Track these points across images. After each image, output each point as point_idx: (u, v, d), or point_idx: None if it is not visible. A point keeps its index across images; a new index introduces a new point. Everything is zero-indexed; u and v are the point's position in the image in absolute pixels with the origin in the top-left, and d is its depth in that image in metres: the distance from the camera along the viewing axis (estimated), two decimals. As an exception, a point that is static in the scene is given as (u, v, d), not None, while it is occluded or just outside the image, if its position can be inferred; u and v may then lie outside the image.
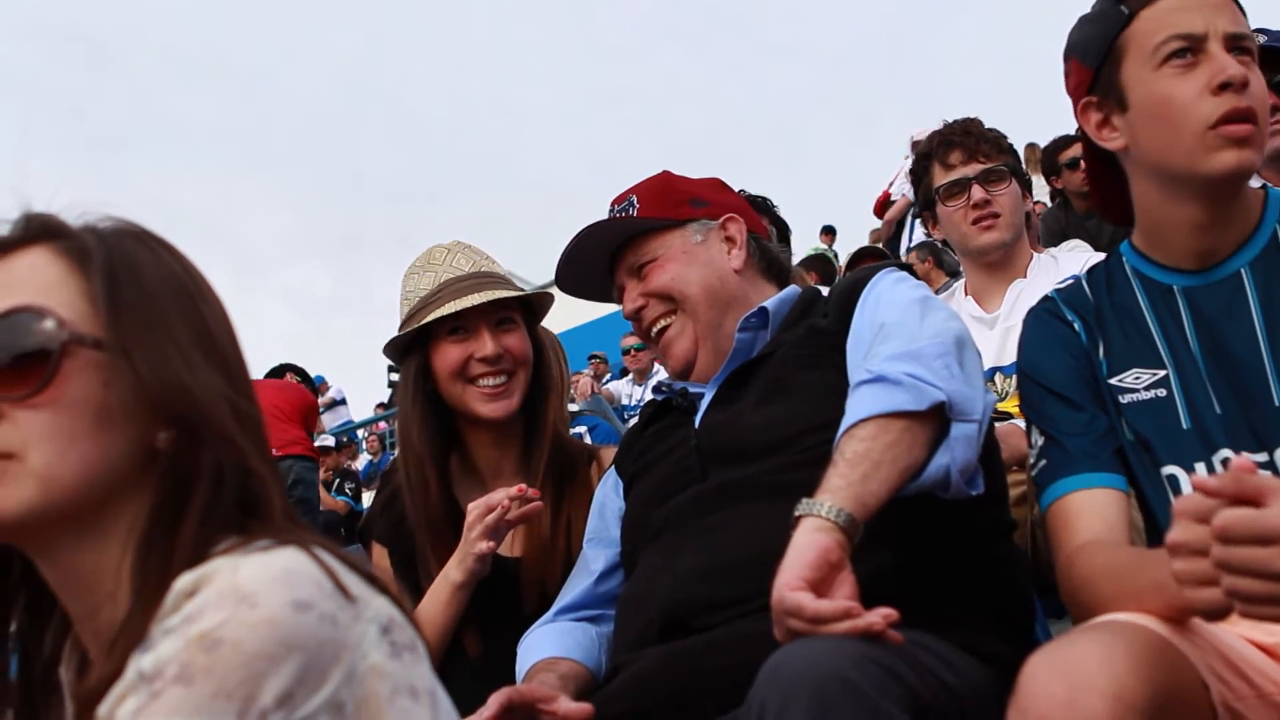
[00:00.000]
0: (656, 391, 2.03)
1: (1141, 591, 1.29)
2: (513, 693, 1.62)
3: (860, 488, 1.37)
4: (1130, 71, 1.56)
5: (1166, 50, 1.51)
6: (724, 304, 1.93)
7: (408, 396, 2.21)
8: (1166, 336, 1.57)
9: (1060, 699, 1.07)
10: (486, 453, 2.25)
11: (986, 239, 2.74)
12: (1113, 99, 1.58)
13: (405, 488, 2.19)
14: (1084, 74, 1.62)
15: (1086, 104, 1.62)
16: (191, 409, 0.99)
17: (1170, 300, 1.59)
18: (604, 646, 1.90)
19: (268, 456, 1.05)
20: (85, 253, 1.02)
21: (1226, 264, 1.57)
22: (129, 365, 0.98)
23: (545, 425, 2.24)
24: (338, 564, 0.93)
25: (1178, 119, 1.50)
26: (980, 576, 1.59)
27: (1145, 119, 1.54)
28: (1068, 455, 1.55)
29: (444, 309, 2.12)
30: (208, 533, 0.96)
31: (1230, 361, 1.51)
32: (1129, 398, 1.57)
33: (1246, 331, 1.52)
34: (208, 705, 0.81)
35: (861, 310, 1.74)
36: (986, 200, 2.71)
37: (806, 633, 1.23)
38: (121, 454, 0.99)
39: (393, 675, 0.91)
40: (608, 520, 2.01)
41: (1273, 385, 1.48)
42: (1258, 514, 1.03)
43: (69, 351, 0.98)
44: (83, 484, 0.97)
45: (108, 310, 1.00)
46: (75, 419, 0.97)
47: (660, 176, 2.07)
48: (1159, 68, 1.52)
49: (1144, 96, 1.54)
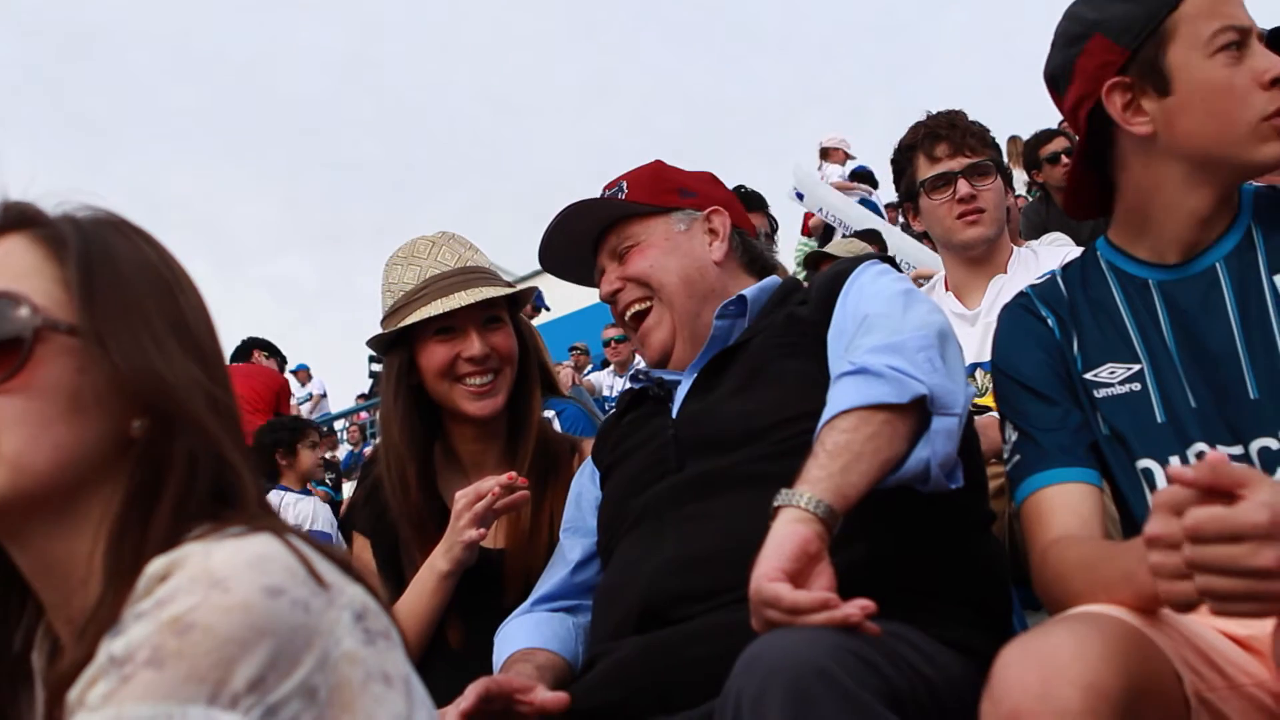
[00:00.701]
0: (634, 380, 2.03)
1: (1111, 582, 1.30)
2: (490, 683, 1.62)
3: (840, 479, 1.37)
4: (1179, 56, 1.53)
5: (1222, 40, 1.51)
6: (701, 294, 1.93)
7: (390, 392, 2.19)
8: (1141, 331, 1.58)
9: (1034, 689, 1.07)
10: (470, 446, 2.25)
11: (971, 234, 2.74)
12: (1151, 82, 1.55)
13: (387, 481, 2.18)
14: (1115, 53, 1.57)
15: (1114, 85, 1.57)
16: (165, 397, 0.99)
17: (1146, 295, 1.60)
18: (580, 637, 1.90)
19: (242, 446, 1.04)
20: (61, 240, 1.02)
21: (1202, 258, 1.58)
22: (103, 352, 0.98)
23: (531, 418, 2.23)
24: (311, 551, 0.93)
25: (1234, 108, 1.50)
26: (958, 568, 1.60)
27: (1195, 104, 1.52)
28: (1041, 451, 1.56)
29: (429, 309, 2.10)
30: (181, 520, 0.96)
31: (1205, 355, 1.52)
32: (1104, 392, 1.58)
33: (1222, 325, 1.52)
34: (179, 689, 0.81)
35: (844, 302, 1.75)
36: (972, 195, 2.71)
37: (784, 623, 1.23)
38: (95, 441, 0.99)
39: (366, 662, 0.91)
40: (584, 510, 2.01)
41: (1248, 378, 1.49)
42: (1228, 511, 1.03)
43: (42, 337, 0.97)
44: (55, 470, 0.97)
45: (82, 297, 1.00)
46: (48, 405, 0.97)
47: (652, 165, 2.08)
48: (1212, 55, 1.51)
49: (1197, 82, 1.52)
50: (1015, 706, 1.07)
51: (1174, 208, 1.58)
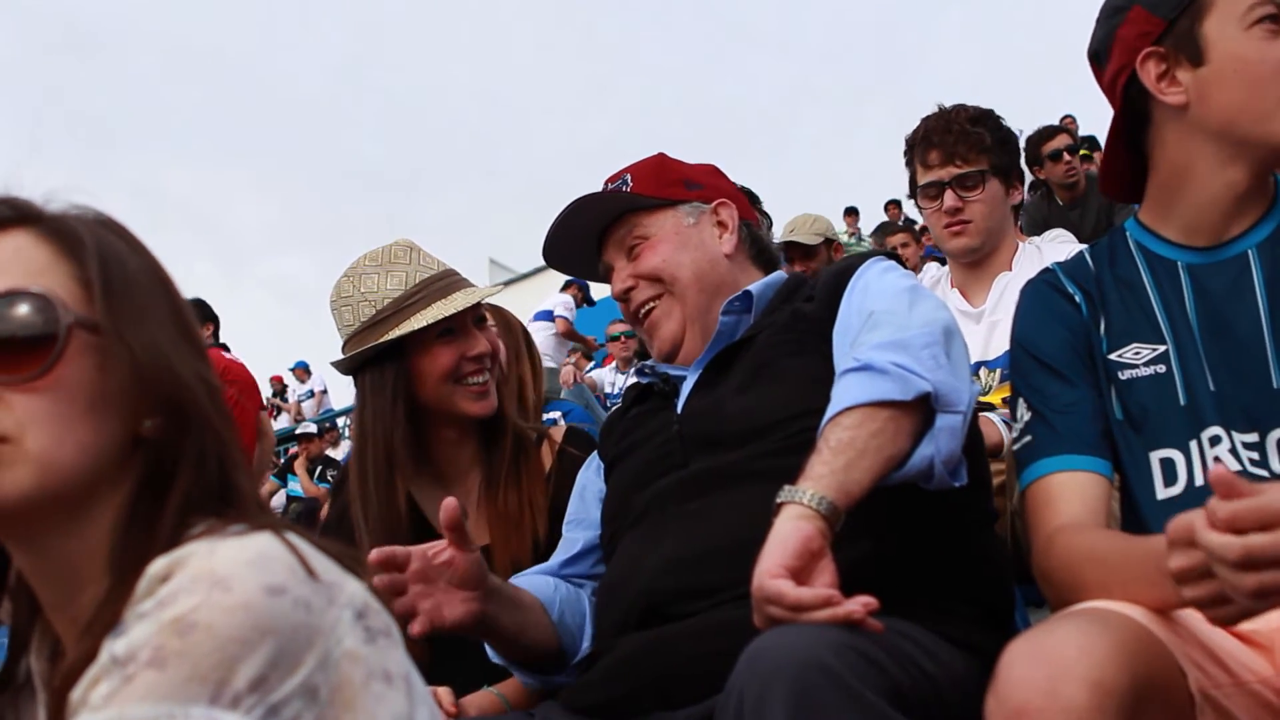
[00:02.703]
0: (639, 374, 2.03)
1: (1129, 583, 1.29)
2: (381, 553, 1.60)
3: (843, 476, 1.36)
4: (1215, 27, 1.53)
5: (1260, 13, 1.51)
6: (713, 288, 1.93)
7: (386, 403, 2.10)
8: (1168, 312, 1.57)
9: (1039, 686, 1.06)
10: (447, 448, 2.22)
11: (954, 245, 2.78)
12: (1185, 53, 1.55)
13: (364, 497, 2.10)
14: (1153, 24, 1.57)
15: (1149, 54, 1.57)
16: (179, 393, 1.00)
17: (1174, 276, 1.59)
18: (566, 595, 1.89)
19: (240, 442, 1.05)
20: (74, 237, 1.02)
21: (1235, 244, 1.57)
22: (123, 349, 0.98)
23: (505, 412, 2.22)
24: (311, 550, 0.92)
25: (1266, 81, 1.50)
26: (961, 566, 1.60)
27: (1227, 76, 1.52)
28: (1054, 434, 1.55)
29: (435, 311, 2.07)
30: (186, 518, 0.96)
31: (1231, 341, 1.51)
32: (1128, 373, 1.56)
33: (1250, 312, 1.51)
34: (181, 689, 0.80)
35: (849, 298, 1.74)
36: (958, 208, 2.73)
37: (786, 620, 1.23)
38: (111, 439, 0.99)
39: (367, 660, 0.90)
40: (589, 503, 2.00)
41: (1272, 367, 1.48)
42: (1258, 499, 1.02)
43: (71, 335, 0.97)
44: (78, 469, 0.97)
45: (103, 294, 1.00)
46: (72, 403, 0.97)
47: (656, 157, 2.06)
48: (1250, 28, 1.51)
49: (1231, 53, 1.52)
50: (1021, 704, 1.07)
51: (1206, 185, 1.57)
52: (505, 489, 2.15)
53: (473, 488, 2.21)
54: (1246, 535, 1.01)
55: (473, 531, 2.13)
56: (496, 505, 2.13)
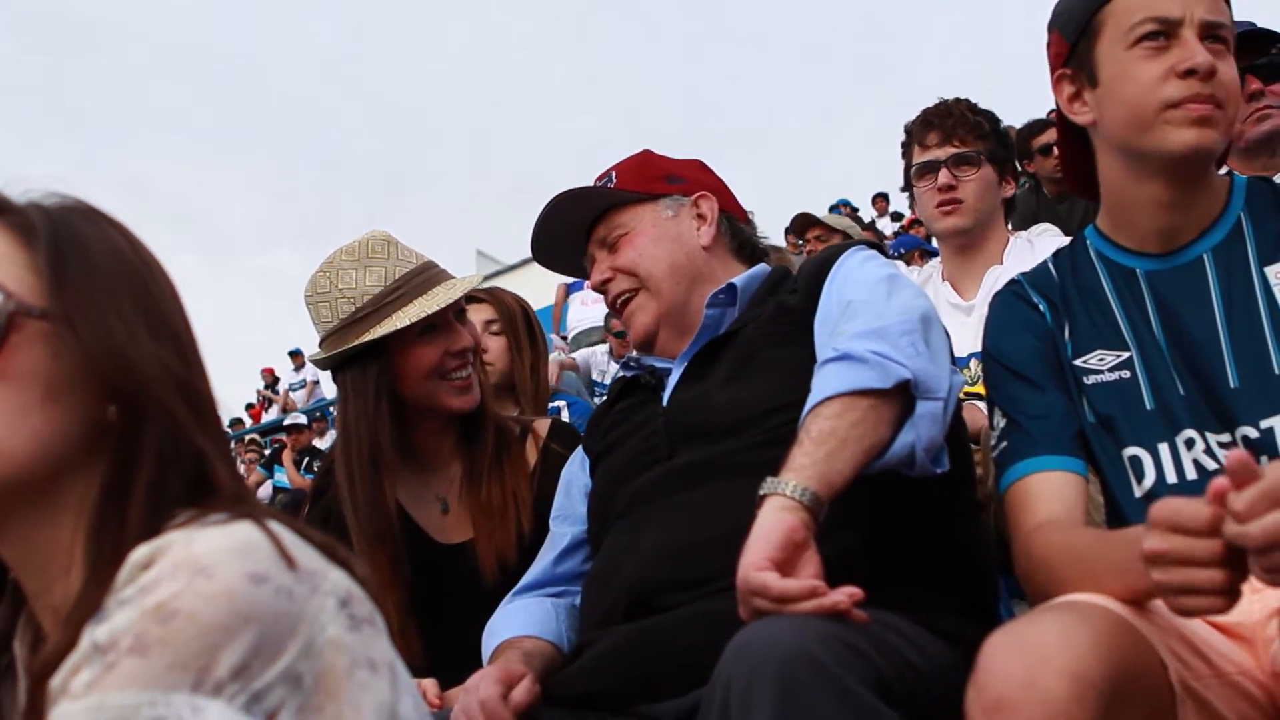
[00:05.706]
0: (625, 367, 2.03)
1: (1101, 574, 1.30)
2: (499, 671, 1.62)
3: (825, 466, 1.37)
4: (1104, 48, 1.57)
5: (1140, 31, 1.53)
6: (689, 280, 1.93)
7: (369, 401, 2.07)
8: (1129, 318, 1.59)
9: (1019, 678, 1.07)
10: (429, 441, 2.21)
11: (945, 224, 2.79)
12: (1085, 74, 1.61)
13: (352, 502, 2.08)
14: (1062, 46, 1.65)
15: (1061, 76, 1.65)
16: (133, 382, 0.98)
17: (1133, 283, 1.61)
18: (567, 619, 1.89)
19: (216, 433, 1.04)
20: (29, 226, 1.01)
21: (1189, 249, 1.58)
22: (74, 336, 0.98)
23: (486, 406, 2.21)
24: (294, 538, 0.92)
25: (1138, 98, 1.52)
26: (946, 556, 1.60)
27: (1114, 94, 1.56)
28: (1029, 438, 1.57)
29: (420, 306, 2.05)
30: (159, 507, 0.96)
31: (1190, 344, 1.53)
32: (1093, 379, 1.58)
33: (1206, 316, 1.53)
34: (163, 676, 0.80)
35: (829, 288, 1.75)
36: (951, 185, 2.74)
37: (772, 612, 1.23)
38: (71, 427, 0.98)
39: (351, 648, 0.90)
40: (574, 497, 2.00)
41: (1229, 368, 1.49)
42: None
43: (16, 323, 0.96)
44: (35, 458, 0.96)
45: (52, 281, 0.99)
46: (24, 391, 0.96)
47: (640, 154, 2.07)
48: (1131, 47, 1.54)
49: (1112, 74, 1.56)
50: (1000, 695, 1.07)
51: (1134, 198, 1.60)
52: (488, 482, 2.15)
53: (455, 479, 2.21)
54: (1263, 518, 1.02)
55: (455, 524, 2.12)
56: (479, 498, 2.12)
